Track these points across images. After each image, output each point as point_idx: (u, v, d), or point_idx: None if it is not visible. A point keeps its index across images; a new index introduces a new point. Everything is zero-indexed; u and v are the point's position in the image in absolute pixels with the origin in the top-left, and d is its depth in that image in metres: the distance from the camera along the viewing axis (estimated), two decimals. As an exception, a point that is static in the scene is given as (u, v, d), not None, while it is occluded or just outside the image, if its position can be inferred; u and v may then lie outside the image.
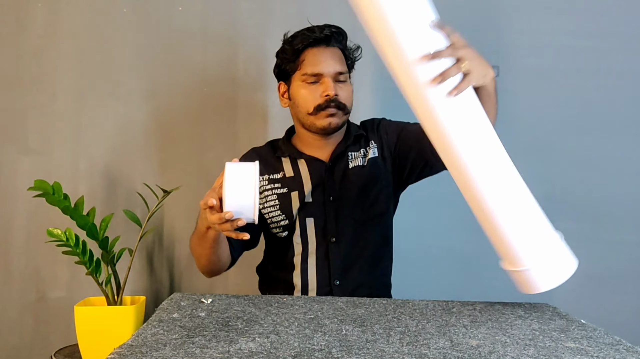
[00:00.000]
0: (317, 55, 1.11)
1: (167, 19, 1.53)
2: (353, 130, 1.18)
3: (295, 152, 1.17)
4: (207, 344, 0.65)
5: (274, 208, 1.15)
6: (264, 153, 1.19)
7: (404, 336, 0.71)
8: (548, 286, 0.83)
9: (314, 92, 1.10)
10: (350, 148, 1.17)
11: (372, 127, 1.21)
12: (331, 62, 1.11)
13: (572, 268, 0.84)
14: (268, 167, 1.17)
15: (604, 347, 0.69)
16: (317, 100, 1.10)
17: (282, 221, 1.15)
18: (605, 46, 1.55)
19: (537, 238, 0.83)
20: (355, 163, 1.17)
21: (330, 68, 1.10)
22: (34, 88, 1.52)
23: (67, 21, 1.52)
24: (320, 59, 1.11)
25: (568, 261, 0.85)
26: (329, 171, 1.16)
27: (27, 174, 1.49)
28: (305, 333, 0.71)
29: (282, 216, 1.15)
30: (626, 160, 1.55)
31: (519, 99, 1.54)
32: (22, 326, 1.52)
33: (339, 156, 1.17)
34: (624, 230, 1.54)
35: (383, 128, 1.20)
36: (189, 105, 1.53)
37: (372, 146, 1.18)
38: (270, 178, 1.17)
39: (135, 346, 0.64)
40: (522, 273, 0.83)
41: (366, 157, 1.17)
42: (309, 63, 1.11)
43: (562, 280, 0.83)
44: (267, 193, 1.16)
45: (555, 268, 0.83)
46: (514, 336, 0.72)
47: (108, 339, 1.18)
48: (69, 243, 1.22)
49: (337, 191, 1.15)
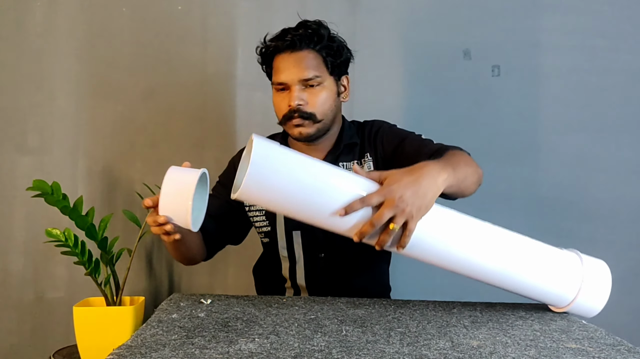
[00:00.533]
0: (282, 62, 1.04)
1: (167, 18, 1.52)
2: (345, 138, 1.10)
3: None
4: (207, 345, 0.65)
5: (260, 212, 1.12)
6: None
7: (404, 337, 0.70)
8: (601, 302, 0.83)
9: (283, 100, 1.04)
10: (341, 157, 1.10)
11: (370, 134, 1.12)
12: (295, 69, 1.02)
13: (605, 272, 0.84)
14: None
15: (605, 348, 0.68)
16: (284, 109, 1.04)
17: (264, 227, 1.11)
18: (606, 45, 1.55)
19: (560, 274, 0.83)
20: None
21: (293, 76, 1.02)
22: (32, 87, 1.51)
23: (66, 20, 1.51)
24: (284, 66, 1.03)
25: (599, 269, 0.84)
26: None
27: (26, 174, 1.49)
28: (305, 333, 0.71)
29: (265, 223, 1.11)
30: (627, 160, 1.54)
31: (519, 98, 1.54)
32: (20, 326, 1.51)
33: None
34: (625, 231, 1.53)
35: (380, 138, 1.11)
36: (188, 104, 1.53)
37: (367, 159, 1.10)
38: None
39: (135, 346, 0.63)
40: (572, 308, 0.83)
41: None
42: (276, 71, 1.05)
43: (608, 288, 0.83)
44: None
45: (593, 284, 0.82)
46: (515, 337, 0.72)
47: (107, 340, 1.18)
48: (68, 244, 1.21)
49: None
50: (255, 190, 0.75)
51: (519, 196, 1.54)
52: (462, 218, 0.82)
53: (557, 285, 0.83)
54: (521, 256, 0.82)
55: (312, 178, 0.76)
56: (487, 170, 1.09)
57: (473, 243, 0.80)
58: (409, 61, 1.55)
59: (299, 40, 1.02)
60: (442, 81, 1.54)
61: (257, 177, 0.74)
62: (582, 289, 0.82)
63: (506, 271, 0.81)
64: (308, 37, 1.03)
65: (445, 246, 0.80)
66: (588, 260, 0.85)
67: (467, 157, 0.97)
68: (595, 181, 1.54)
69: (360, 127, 1.15)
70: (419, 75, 1.54)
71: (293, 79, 1.02)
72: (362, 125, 1.15)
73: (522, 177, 1.55)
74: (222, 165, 1.23)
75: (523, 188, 1.54)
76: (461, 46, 1.54)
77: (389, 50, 1.53)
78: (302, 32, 1.03)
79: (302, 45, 1.03)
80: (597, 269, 0.84)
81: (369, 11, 1.40)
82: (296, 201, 0.76)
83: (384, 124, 1.14)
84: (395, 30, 1.54)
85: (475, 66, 1.54)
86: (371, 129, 1.13)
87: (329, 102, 1.05)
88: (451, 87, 1.54)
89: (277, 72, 1.05)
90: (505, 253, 0.81)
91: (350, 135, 1.12)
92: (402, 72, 1.55)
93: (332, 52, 1.05)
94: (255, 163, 0.73)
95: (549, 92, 1.55)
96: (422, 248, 0.79)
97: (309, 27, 1.04)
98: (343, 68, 1.09)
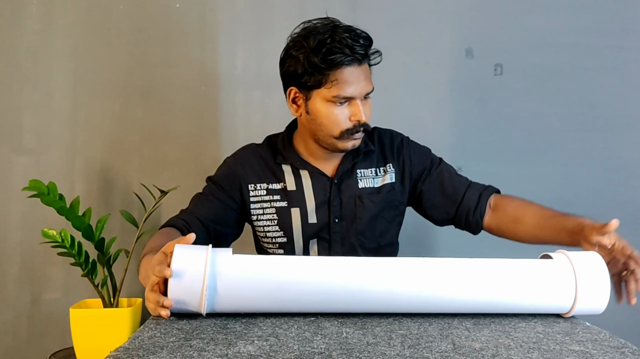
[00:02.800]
0: (350, 76, 0.98)
1: (164, 16, 1.51)
2: (362, 146, 1.08)
3: (298, 161, 1.08)
4: (205, 348, 0.64)
5: (271, 222, 1.07)
6: (264, 155, 1.10)
7: (405, 339, 0.69)
8: (604, 295, 0.79)
9: (342, 114, 1.00)
10: (359, 164, 1.08)
11: (392, 146, 1.11)
12: (363, 83, 0.99)
13: (599, 263, 0.80)
14: (267, 174, 1.08)
15: (609, 350, 0.68)
16: (346, 124, 1.00)
17: (280, 238, 1.08)
18: (609, 43, 1.54)
19: (548, 285, 0.80)
20: (365, 183, 1.08)
21: (362, 90, 0.99)
22: (28, 86, 1.50)
23: (63, 18, 1.50)
24: (353, 79, 0.98)
25: (591, 263, 0.80)
26: (335, 188, 1.07)
27: (22, 174, 1.48)
28: (305, 335, 0.70)
29: (279, 233, 1.07)
30: (635, 160, 1.54)
31: (521, 98, 1.54)
32: (16, 328, 1.50)
33: (347, 173, 1.08)
34: (631, 232, 1.53)
35: (407, 153, 1.10)
36: (187, 103, 1.52)
37: (389, 170, 1.09)
38: (269, 189, 1.07)
39: (132, 349, 0.63)
40: (577, 310, 0.80)
41: (380, 179, 1.09)
42: (341, 85, 0.97)
43: (607, 278, 0.79)
44: (264, 204, 1.07)
45: (589, 281, 0.79)
46: (517, 339, 0.71)
47: (104, 342, 1.17)
48: (65, 244, 1.20)
49: (344, 212, 1.07)
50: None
51: (519, 194, 1.53)
52: (438, 264, 0.80)
53: (549, 296, 0.80)
54: (501, 285, 0.79)
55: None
56: (487, 169, 1.10)
57: (456, 284, 0.78)
58: (411, 60, 1.54)
59: (364, 53, 0.99)
60: (445, 80, 1.54)
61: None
62: (578, 290, 0.79)
63: (494, 302, 0.79)
64: (372, 51, 1.02)
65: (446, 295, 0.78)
66: (577, 258, 0.81)
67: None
68: (600, 181, 1.54)
69: (369, 134, 1.12)
70: (421, 74, 1.54)
71: (361, 94, 1.00)
72: (370, 132, 1.12)
73: (525, 176, 1.54)
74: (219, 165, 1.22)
75: (525, 188, 1.54)
76: (463, 45, 1.53)
77: (390, 49, 1.53)
78: (368, 44, 1.00)
79: (365, 59, 1.01)
80: (590, 263, 0.80)
81: (370, 9, 1.40)
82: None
83: (404, 137, 1.14)
84: (396, 29, 1.54)
85: (478, 65, 1.53)
86: (392, 141, 1.12)
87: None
88: (453, 86, 1.53)
89: (343, 85, 0.98)
90: (485, 286, 0.79)
91: (364, 141, 1.09)
92: (404, 71, 1.54)
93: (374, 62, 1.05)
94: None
95: (551, 91, 1.54)
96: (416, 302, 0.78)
97: (368, 38, 1.00)
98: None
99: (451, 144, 1.51)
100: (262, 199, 1.07)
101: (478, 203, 1.07)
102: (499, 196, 1.09)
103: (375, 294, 0.76)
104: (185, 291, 0.71)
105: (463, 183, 1.10)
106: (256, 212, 1.08)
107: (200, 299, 0.71)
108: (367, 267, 0.77)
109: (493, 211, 1.07)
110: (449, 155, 1.13)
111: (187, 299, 0.71)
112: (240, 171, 1.08)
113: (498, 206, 1.07)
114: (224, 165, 1.11)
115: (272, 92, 1.51)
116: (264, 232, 1.09)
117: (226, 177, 1.08)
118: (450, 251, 1.51)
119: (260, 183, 1.07)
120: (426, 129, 1.16)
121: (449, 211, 1.10)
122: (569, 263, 0.80)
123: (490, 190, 1.09)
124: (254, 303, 0.75)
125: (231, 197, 1.07)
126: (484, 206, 1.07)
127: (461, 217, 1.09)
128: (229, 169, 1.09)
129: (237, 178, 1.07)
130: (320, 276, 0.76)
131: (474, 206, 1.07)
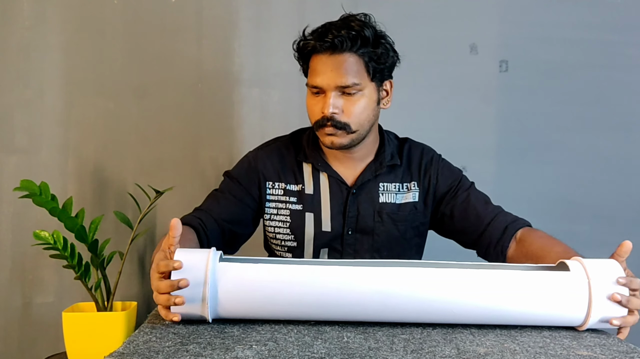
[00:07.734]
0: (319, 64, 0.95)
1: (160, 12, 1.50)
2: (387, 158, 1.04)
3: (320, 162, 1.03)
4: (202, 352, 0.62)
5: (283, 224, 1.04)
6: (286, 153, 1.06)
7: (408, 344, 0.68)
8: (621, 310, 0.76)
9: (316, 104, 0.97)
10: (382, 177, 1.03)
11: (420, 163, 1.06)
12: (333, 74, 0.93)
13: (618, 272, 0.76)
14: (286, 173, 1.04)
15: (617, 355, 0.67)
16: (317, 115, 0.97)
17: (290, 241, 1.04)
18: (616, 39, 1.54)
19: (560, 299, 0.76)
20: (387, 197, 1.04)
21: (330, 81, 0.93)
22: (20, 84, 1.48)
23: (55, 13, 1.48)
24: (322, 68, 0.94)
25: (609, 273, 0.76)
26: (352, 198, 1.03)
27: (13, 174, 1.46)
28: (305, 340, 0.69)
29: (290, 237, 1.04)
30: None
31: (526, 95, 1.53)
32: (7, 333, 1.48)
33: (367, 184, 1.03)
34: (627, 230, 1.52)
35: (434, 172, 1.05)
36: (183, 102, 1.51)
37: (413, 188, 1.05)
38: (287, 189, 1.04)
39: (127, 354, 0.61)
40: (590, 325, 0.76)
41: (403, 196, 1.05)
42: (312, 72, 0.96)
43: (626, 291, 0.75)
44: (279, 205, 1.04)
45: (606, 293, 0.74)
46: (523, 344, 0.70)
47: (98, 347, 1.16)
48: (57, 246, 1.19)
49: (360, 225, 1.03)
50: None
51: (525, 194, 1.53)
52: (451, 274, 0.77)
53: (561, 312, 0.76)
54: (512, 299, 0.75)
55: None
56: (492, 167, 1.08)
57: (467, 295, 0.75)
58: (414, 56, 1.53)
59: (340, 42, 0.93)
60: (448, 77, 1.52)
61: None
62: (593, 303, 0.74)
63: (503, 316, 0.76)
64: (351, 39, 0.93)
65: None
66: (594, 267, 0.77)
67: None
68: (605, 179, 1.53)
69: (400, 146, 1.09)
70: (425, 70, 1.53)
71: (329, 84, 0.94)
72: (401, 144, 1.09)
73: (529, 174, 1.54)
74: (218, 165, 1.21)
75: (530, 186, 1.53)
76: (467, 40, 1.52)
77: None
78: (345, 33, 0.93)
79: (344, 48, 0.93)
80: (607, 273, 0.76)
81: (372, 5, 1.39)
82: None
83: (436, 155, 1.09)
84: (400, 25, 1.53)
85: (482, 61, 1.52)
86: (421, 157, 1.07)
87: (366, 112, 0.97)
88: (457, 82, 1.52)
89: (313, 73, 0.96)
90: (495, 300, 0.75)
91: (391, 153, 1.05)
92: (408, 68, 1.53)
93: (375, 57, 0.96)
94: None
95: (557, 88, 1.53)
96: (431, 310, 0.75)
97: (352, 28, 0.94)
98: (386, 73, 1.01)
99: (454, 142, 1.49)
100: (278, 199, 1.04)
101: (502, 236, 0.99)
102: (527, 230, 0.99)
103: (381, 305, 0.74)
104: (187, 296, 0.70)
105: (490, 212, 1.02)
106: (270, 211, 1.05)
107: (203, 305, 0.71)
108: (373, 275, 0.75)
109: (518, 245, 0.98)
110: (452, 153, 1.11)
111: (190, 305, 0.71)
112: (261, 167, 1.05)
113: (524, 241, 0.98)
114: (244, 160, 1.08)
115: (271, 89, 1.49)
116: (274, 234, 1.06)
117: (245, 173, 1.05)
118: (451, 251, 1.50)
119: (279, 182, 1.04)
120: (429, 127, 1.14)
121: (470, 240, 1.04)
122: (584, 275, 0.76)
123: (520, 224, 1.00)
124: (254, 310, 0.74)
125: (249, 194, 1.04)
126: (508, 241, 0.99)
127: (482, 247, 1.02)
128: (249, 165, 1.06)
129: (257, 174, 1.04)
130: (323, 284, 0.74)
131: (497, 239, 0.99)
